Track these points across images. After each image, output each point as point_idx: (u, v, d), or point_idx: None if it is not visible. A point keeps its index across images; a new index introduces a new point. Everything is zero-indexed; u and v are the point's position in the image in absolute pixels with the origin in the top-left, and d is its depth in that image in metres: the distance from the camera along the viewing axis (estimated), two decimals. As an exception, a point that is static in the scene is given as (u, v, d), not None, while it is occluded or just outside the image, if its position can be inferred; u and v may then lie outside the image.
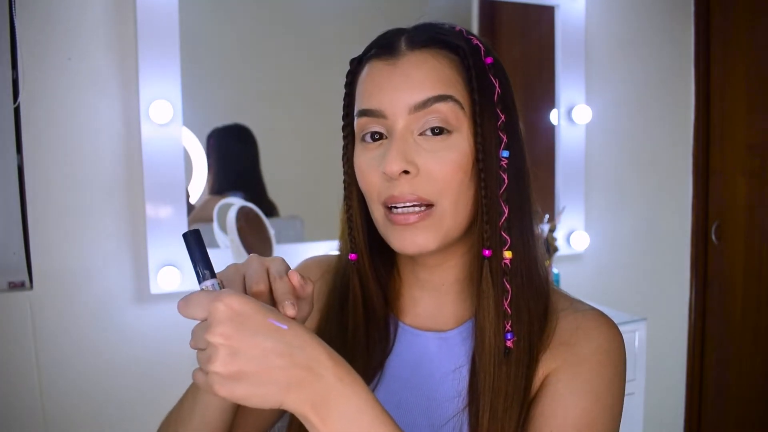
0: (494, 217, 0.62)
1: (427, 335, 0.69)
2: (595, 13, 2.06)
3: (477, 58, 0.62)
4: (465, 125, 0.61)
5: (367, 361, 0.68)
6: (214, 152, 1.64)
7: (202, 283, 0.50)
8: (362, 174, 0.64)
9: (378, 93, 0.61)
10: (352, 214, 0.68)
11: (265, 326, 0.46)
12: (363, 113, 0.63)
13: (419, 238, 0.61)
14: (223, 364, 0.45)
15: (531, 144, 1.55)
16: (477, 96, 0.61)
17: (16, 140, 1.42)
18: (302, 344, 0.47)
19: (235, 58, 1.71)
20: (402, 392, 0.68)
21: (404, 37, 0.63)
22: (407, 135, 0.61)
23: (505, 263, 0.62)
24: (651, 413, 2.09)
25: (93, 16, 1.47)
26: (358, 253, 0.68)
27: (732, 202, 2.18)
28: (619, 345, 0.66)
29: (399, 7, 1.75)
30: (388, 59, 0.62)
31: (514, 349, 0.62)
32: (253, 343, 0.45)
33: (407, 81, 0.60)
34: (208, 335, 0.45)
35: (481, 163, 0.61)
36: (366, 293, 0.69)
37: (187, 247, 0.51)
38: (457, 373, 0.66)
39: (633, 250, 2.19)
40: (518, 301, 0.63)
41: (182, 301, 0.48)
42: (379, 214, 0.64)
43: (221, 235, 1.56)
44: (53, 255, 1.47)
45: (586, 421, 0.61)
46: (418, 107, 0.60)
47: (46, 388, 1.46)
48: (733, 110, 2.16)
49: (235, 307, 0.46)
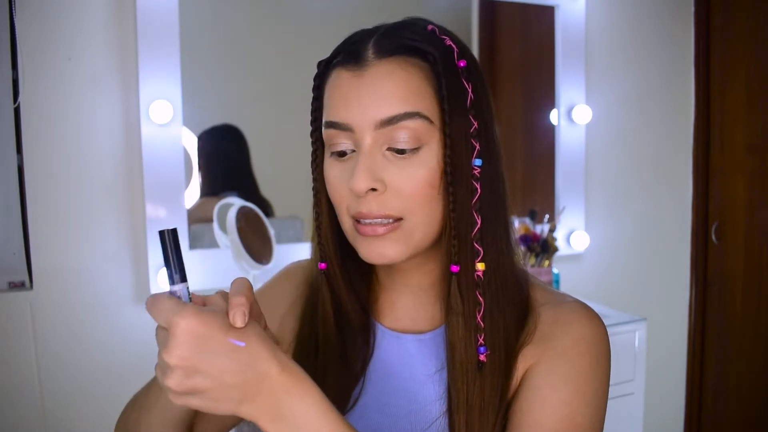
0: (464, 230, 0.60)
1: (407, 337, 0.69)
2: (595, 13, 2.06)
3: (449, 62, 0.60)
4: (435, 138, 0.59)
5: (343, 370, 0.67)
6: (204, 153, 1.64)
7: (172, 286, 0.50)
8: (331, 187, 0.62)
9: (344, 106, 0.59)
10: (321, 222, 0.66)
11: (224, 346, 0.47)
12: (330, 125, 0.61)
13: (388, 249, 0.60)
14: (177, 384, 0.46)
15: (531, 144, 1.55)
16: (447, 106, 0.58)
17: (16, 140, 1.42)
18: (254, 361, 0.48)
19: (235, 58, 1.71)
20: (384, 396, 0.67)
21: (371, 44, 0.60)
22: (374, 150, 0.59)
23: (478, 275, 0.61)
24: (651, 413, 2.09)
25: (93, 16, 1.47)
26: (327, 261, 0.67)
27: (732, 202, 2.18)
28: (601, 336, 0.65)
29: (399, 8, 1.75)
30: (355, 69, 0.59)
31: (488, 361, 0.61)
32: (210, 363, 0.47)
33: (374, 94, 0.58)
34: (165, 355, 0.46)
35: (450, 177, 0.59)
36: (337, 302, 0.68)
37: (162, 246, 0.50)
38: (437, 376, 0.66)
39: (633, 250, 2.19)
40: (492, 312, 0.62)
41: (149, 301, 0.48)
42: (348, 225, 0.62)
43: (221, 235, 1.56)
44: (53, 255, 1.47)
45: (566, 412, 0.60)
46: (385, 123, 0.58)
47: (46, 388, 1.46)
48: (733, 110, 2.16)
49: (194, 329, 0.46)
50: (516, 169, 2.11)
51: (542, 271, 1.83)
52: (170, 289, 0.50)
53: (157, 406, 0.61)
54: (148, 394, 0.64)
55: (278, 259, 1.54)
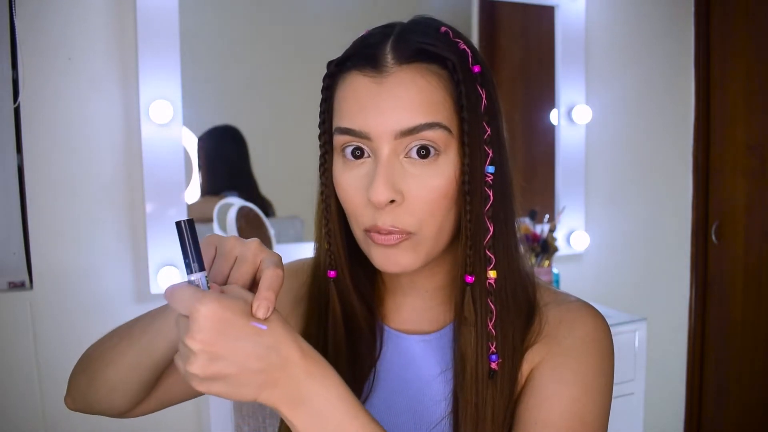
0: (479, 238, 0.59)
1: (412, 338, 0.69)
2: (595, 13, 2.06)
3: (465, 68, 0.59)
4: (452, 147, 0.59)
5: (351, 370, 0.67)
6: (204, 153, 1.65)
7: (191, 275, 0.50)
8: (345, 193, 0.61)
9: (362, 113, 0.58)
10: (330, 228, 0.64)
11: (246, 330, 0.47)
12: (344, 131, 0.59)
13: (402, 258, 0.60)
14: (202, 368, 0.46)
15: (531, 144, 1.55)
16: (466, 114, 0.58)
17: (16, 140, 1.42)
18: (277, 344, 0.48)
19: (236, 58, 1.71)
20: (391, 396, 0.68)
21: (390, 48, 0.58)
22: (393, 159, 0.58)
23: (490, 283, 0.60)
24: (651, 413, 2.09)
25: (93, 16, 1.47)
26: (338, 269, 0.66)
27: (732, 202, 2.18)
28: (605, 335, 0.65)
29: (398, 8, 1.76)
30: (374, 75, 0.58)
31: (499, 369, 0.61)
32: (233, 348, 0.46)
33: (394, 104, 0.57)
34: (188, 340, 0.46)
35: (468, 186, 0.58)
36: (347, 309, 0.67)
37: (179, 237, 0.50)
38: (443, 376, 0.66)
39: (633, 250, 2.19)
40: (503, 320, 0.61)
41: (168, 291, 0.48)
42: (360, 233, 0.62)
43: (221, 235, 1.56)
44: (53, 255, 1.47)
45: (576, 410, 0.60)
46: (405, 133, 0.57)
47: (46, 388, 1.46)
48: (733, 110, 2.16)
49: (217, 313, 0.46)
50: (516, 169, 2.10)
51: (542, 271, 1.83)
52: (188, 278, 0.50)
53: (140, 341, 0.60)
54: (136, 324, 0.62)
55: (278, 259, 1.54)
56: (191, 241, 0.50)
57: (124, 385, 0.62)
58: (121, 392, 0.63)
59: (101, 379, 0.63)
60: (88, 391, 0.65)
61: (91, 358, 0.66)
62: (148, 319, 0.61)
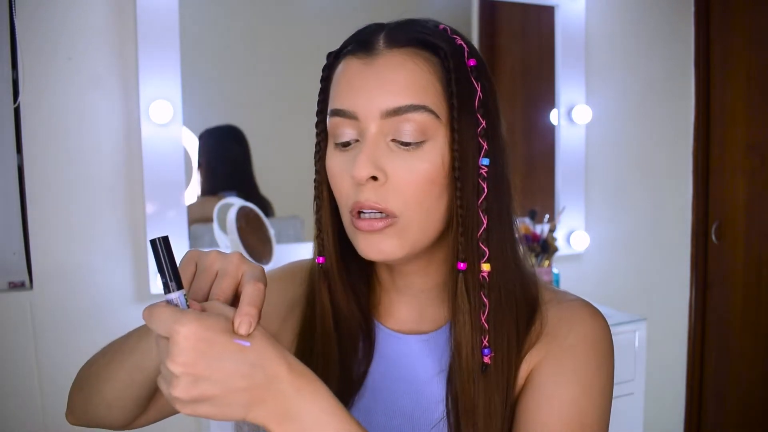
0: (471, 228, 0.59)
1: (409, 338, 0.68)
2: (595, 13, 2.06)
3: (459, 60, 0.59)
4: (441, 133, 0.59)
5: (343, 371, 0.66)
6: (204, 153, 1.65)
7: (168, 294, 0.48)
8: (334, 178, 0.62)
9: (351, 93, 0.59)
10: (321, 215, 0.65)
11: (228, 348, 0.46)
12: (335, 113, 0.60)
13: (384, 245, 0.59)
14: (185, 391, 0.45)
15: (531, 144, 1.55)
16: (455, 101, 0.58)
17: (16, 140, 1.42)
18: (263, 361, 0.47)
19: (235, 58, 1.71)
20: (388, 396, 0.67)
21: (383, 34, 0.60)
22: (379, 139, 0.58)
23: (483, 276, 0.60)
24: (651, 413, 2.09)
25: (93, 16, 1.47)
26: (326, 256, 0.66)
27: (732, 202, 2.18)
28: (605, 334, 0.65)
29: (398, 8, 1.75)
30: (364, 57, 0.59)
31: (492, 364, 0.60)
32: (216, 368, 0.45)
33: (382, 83, 0.58)
34: (169, 363, 0.45)
35: (458, 172, 0.58)
36: (335, 300, 0.67)
37: (155, 255, 0.49)
38: (440, 377, 0.65)
39: (633, 250, 2.19)
40: (497, 314, 0.61)
41: (146, 312, 0.47)
42: (346, 219, 0.62)
43: (221, 235, 1.56)
44: (53, 255, 1.47)
45: (574, 412, 0.59)
46: (391, 113, 0.57)
47: (46, 388, 1.46)
48: (733, 110, 2.16)
49: (197, 334, 0.45)
50: (516, 169, 2.11)
51: (542, 271, 1.83)
52: (166, 298, 0.48)
53: (131, 360, 0.59)
54: (123, 344, 0.61)
55: (278, 259, 1.54)
56: (167, 259, 0.48)
57: (120, 402, 0.62)
58: (119, 408, 0.63)
59: (98, 397, 0.63)
60: (87, 408, 0.65)
61: (87, 375, 0.66)
62: (135, 338, 0.60)
